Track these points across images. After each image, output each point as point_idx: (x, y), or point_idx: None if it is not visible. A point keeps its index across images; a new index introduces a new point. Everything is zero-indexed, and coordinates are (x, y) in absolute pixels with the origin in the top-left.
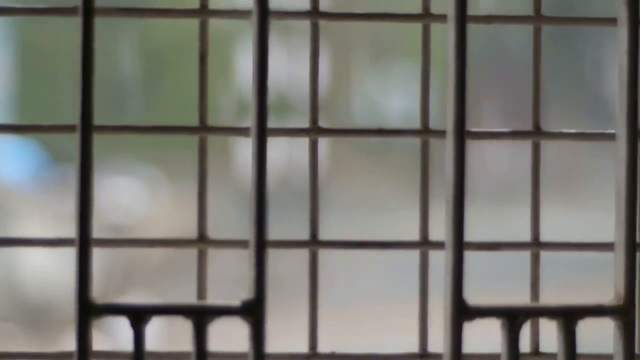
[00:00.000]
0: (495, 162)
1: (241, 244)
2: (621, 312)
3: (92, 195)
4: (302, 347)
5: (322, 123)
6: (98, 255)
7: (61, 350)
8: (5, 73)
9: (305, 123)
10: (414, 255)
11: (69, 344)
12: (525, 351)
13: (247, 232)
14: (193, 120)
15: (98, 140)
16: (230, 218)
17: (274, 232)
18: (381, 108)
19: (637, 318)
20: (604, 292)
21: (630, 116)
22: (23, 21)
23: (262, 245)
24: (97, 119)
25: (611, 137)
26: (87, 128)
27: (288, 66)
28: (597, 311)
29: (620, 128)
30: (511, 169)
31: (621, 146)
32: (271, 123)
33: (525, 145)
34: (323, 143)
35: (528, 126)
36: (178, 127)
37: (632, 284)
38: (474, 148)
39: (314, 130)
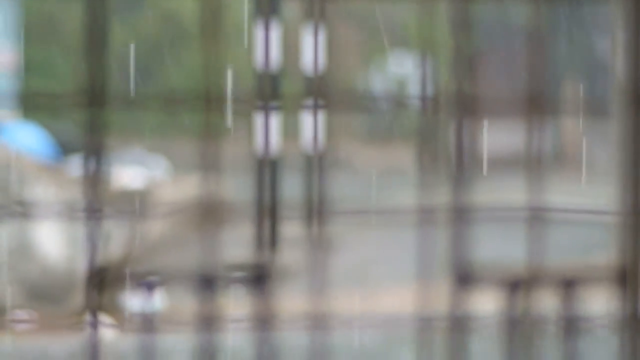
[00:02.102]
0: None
1: (251, 212)
2: (621, 279)
3: (102, 168)
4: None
5: (345, 102)
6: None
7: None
8: (13, 40)
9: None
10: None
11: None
12: (524, 317)
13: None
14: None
15: (112, 132)
16: (249, 187)
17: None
18: (399, 89)
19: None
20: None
21: (630, 89)
22: None
23: (266, 213)
24: (116, 90)
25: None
26: (97, 102)
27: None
28: (596, 278)
29: (620, 101)
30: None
31: (622, 117)
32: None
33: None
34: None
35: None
36: (180, 98)
37: (632, 251)
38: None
39: (315, 106)
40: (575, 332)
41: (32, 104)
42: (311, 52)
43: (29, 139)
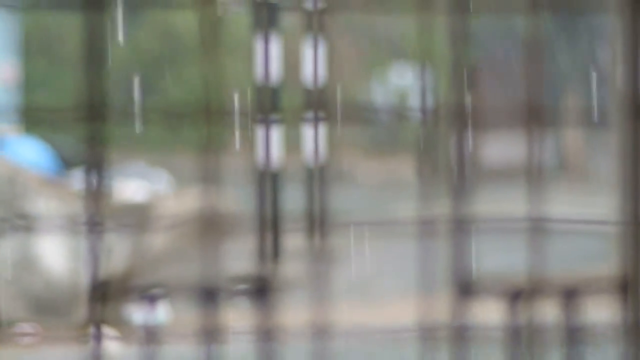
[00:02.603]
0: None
1: (252, 224)
2: (622, 289)
3: (103, 181)
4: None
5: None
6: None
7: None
8: (13, 55)
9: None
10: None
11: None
12: (527, 327)
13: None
14: (213, 99)
15: (113, 146)
16: (251, 200)
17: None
18: (400, 101)
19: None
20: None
21: (630, 99)
22: (28, 3)
23: (268, 226)
24: (117, 104)
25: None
26: (97, 117)
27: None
28: (597, 288)
29: (620, 112)
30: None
31: (622, 127)
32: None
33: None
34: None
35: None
36: (181, 112)
37: (633, 261)
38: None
39: (316, 118)
40: (577, 341)
41: (33, 118)
42: (311, 64)
43: (30, 153)
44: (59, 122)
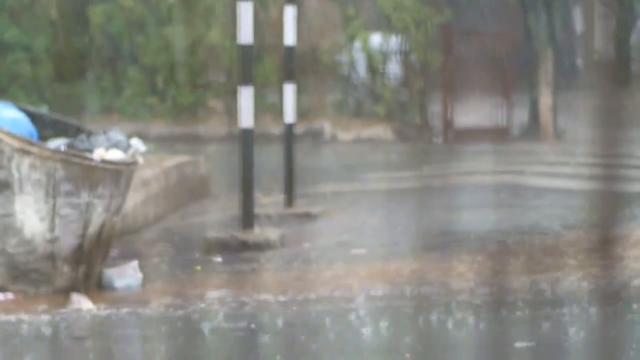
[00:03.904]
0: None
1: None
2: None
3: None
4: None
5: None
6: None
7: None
8: None
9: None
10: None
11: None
12: (500, 286)
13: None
14: (190, 62)
15: (90, 112)
16: (226, 162)
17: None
18: (376, 64)
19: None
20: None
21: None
22: None
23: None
24: (98, 63)
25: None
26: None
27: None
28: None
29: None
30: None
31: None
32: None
33: None
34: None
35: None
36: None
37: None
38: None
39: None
40: (550, 300)
41: (9, 83)
42: (290, 28)
43: (7, 116)
44: (35, 87)
